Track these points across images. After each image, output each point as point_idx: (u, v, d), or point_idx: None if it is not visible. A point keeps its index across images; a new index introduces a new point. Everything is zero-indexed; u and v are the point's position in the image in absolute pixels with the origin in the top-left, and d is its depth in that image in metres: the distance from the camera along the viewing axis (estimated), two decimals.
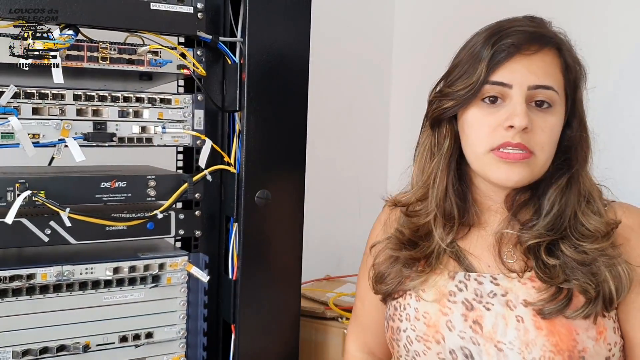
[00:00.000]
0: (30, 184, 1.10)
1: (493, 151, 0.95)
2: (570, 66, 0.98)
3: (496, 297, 0.96)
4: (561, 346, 0.91)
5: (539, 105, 0.95)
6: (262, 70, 1.22)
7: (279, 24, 1.23)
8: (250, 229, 1.24)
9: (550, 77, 0.95)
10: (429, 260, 1.03)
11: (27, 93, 1.11)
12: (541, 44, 0.95)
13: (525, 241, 0.98)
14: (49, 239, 1.13)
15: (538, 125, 0.94)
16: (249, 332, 1.27)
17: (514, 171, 0.94)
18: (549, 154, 0.96)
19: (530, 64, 0.94)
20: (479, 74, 0.95)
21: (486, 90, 0.96)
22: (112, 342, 1.19)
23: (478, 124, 0.97)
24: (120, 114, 1.19)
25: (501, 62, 0.94)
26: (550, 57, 0.96)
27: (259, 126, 1.23)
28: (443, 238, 1.02)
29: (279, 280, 1.28)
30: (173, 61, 1.20)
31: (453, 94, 0.98)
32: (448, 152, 1.03)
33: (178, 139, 1.24)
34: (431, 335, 0.99)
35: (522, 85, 0.94)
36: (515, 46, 0.94)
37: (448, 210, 1.03)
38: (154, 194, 1.21)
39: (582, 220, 0.97)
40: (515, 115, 0.93)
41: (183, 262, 1.24)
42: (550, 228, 0.97)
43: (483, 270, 1.00)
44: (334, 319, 1.56)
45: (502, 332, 0.94)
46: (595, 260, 0.94)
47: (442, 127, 1.03)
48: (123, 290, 1.20)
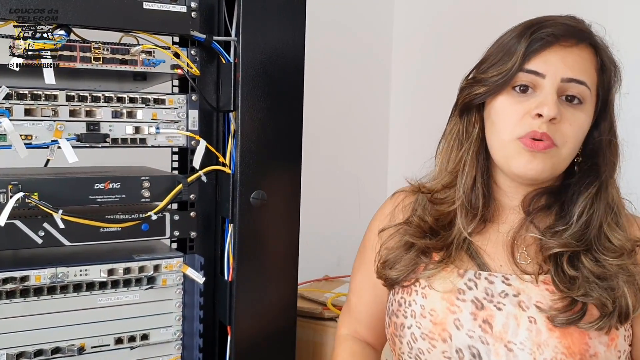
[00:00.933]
0: (23, 185, 1.09)
1: (519, 139, 0.94)
2: (606, 66, 0.97)
3: (508, 297, 0.95)
4: (573, 349, 0.90)
5: (570, 100, 0.95)
6: (256, 70, 1.21)
7: (274, 23, 1.22)
8: (245, 229, 1.23)
9: (584, 72, 0.94)
10: (449, 250, 1.01)
11: (19, 94, 1.10)
12: (579, 39, 0.95)
13: (549, 247, 0.96)
14: (42, 240, 1.12)
15: (566, 118, 0.94)
16: (245, 334, 1.26)
17: (535, 161, 0.94)
18: (572, 149, 0.96)
19: (566, 56, 0.94)
20: (514, 60, 0.95)
21: (519, 79, 0.95)
22: (107, 344, 1.18)
23: (507, 112, 0.96)
24: (113, 114, 1.18)
25: (538, 51, 0.94)
26: (586, 53, 0.96)
27: (254, 126, 1.22)
28: (465, 227, 1.01)
29: (275, 281, 1.27)
30: (166, 61, 1.19)
31: (486, 80, 0.98)
32: (478, 139, 1.02)
33: (172, 139, 1.23)
34: (437, 333, 0.97)
35: (556, 77, 0.93)
36: (554, 35, 0.94)
37: (474, 200, 1.02)
38: (148, 195, 1.20)
39: (607, 233, 0.96)
40: (545, 104, 0.92)
41: (178, 264, 1.23)
42: (577, 238, 0.96)
43: (495, 270, 0.99)
44: (331, 319, 1.55)
45: (513, 332, 0.93)
46: (614, 275, 0.93)
47: (471, 114, 1.03)
48: (118, 292, 1.19)
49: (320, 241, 1.97)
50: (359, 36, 2.39)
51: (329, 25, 2.19)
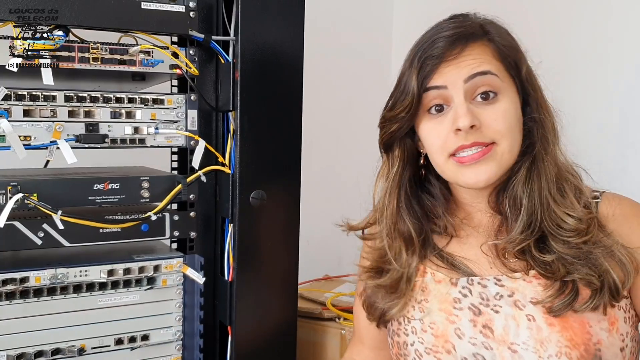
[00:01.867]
0: (23, 186, 1.09)
1: (451, 157, 0.94)
2: (504, 50, 0.95)
3: (503, 298, 0.94)
4: (576, 340, 0.89)
5: (485, 97, 0.93)
6: (255, 69, 1.21)
7: (273, 22, 1.22)
8: (245, 229, 1.23)
9: (483, 64, 0.93)
10: (400, 286, 1.01)
11: (17, 95, 1.10)
12: (463, 42, 0.94)
13: (511, 249, 0.96)
14: (42, 241, 1.12)
15: (488, 117, 0.92)
16: (246, 334, 1.26)
17: (479, 170, 0.93)
18: (512, 139, 0.94)
19: (459, 63, 0.93)
20: (412, 92, 0.95)
21: (428, 101, 0.95)
22: (107, 345, 1.18)
23: (431, 136, 0.96)
24: (112, 114, 1.18)
25: (430, 75, 0.94)
26: (478, 49, 0.94)
27: (253, 126, 1.22)
28: (405, 264, 1.01)
29: (276, 281, 1.27)
30: (165, 61, 1.19)
31: (395, 117, 0.98)
32: (397, 172, 1.03)
33: (171, 139, 1.23)
34: (440, 345, 0.96)
35: (457, 82, 0.92)
36: (436, 57, 0.93)
37: (405, 231, 1.02)
38: (147, 195, 1.20)
39: (557, 210, 0.94)
40: (458, 117, 0.91)
41: (178, 264, 1.23)
42: (526, 227, 0.94)
43: (484, 273, 0.98)
44: (331, 319, 1.55)
45: (514, 334, 0.92)
46: (590, 252, 0.92)
47: (394, 149, 1.03)
48: (118, 292, 1.19)
49: (320, 240, 1.96)
50: (358, 35, 2.39)
51: (328, 24, 2.19)
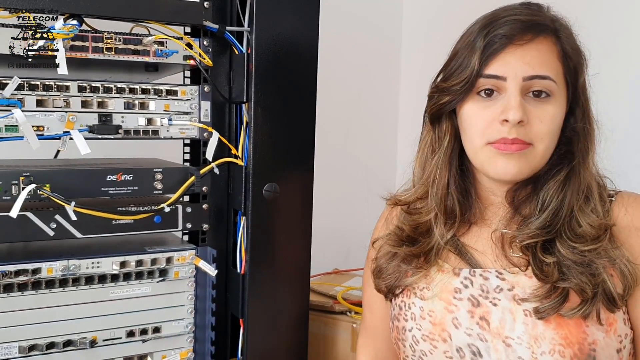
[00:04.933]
0: (35, 177, 1.08)
1: (490, 144, 0.93)
2: (569, 53, 0.95)
3: (503, 292, 0.95)
4: (571, 339, 0.89)
5: (537, 95, 0.93)
6: (269, 61, 1.19)
7: (287, 13, 1.20)
8: (258, 222, 1.22)
9: (546, 66, 0.92)
10: (428, 257, 1.02)
11: (31, 85, 1.09)
12: (535, 32, 0.93)
13: (520, 241, 0.96)
14: (54, 233, 1.11)
15: (535, 116, 0.92)
16: (258, 327, 1.25)
17: (511, 163, 0.93)
18: (549, 144, 0.94)
19: (525, 54, 0.92)
20: (472, 67, 0.93)
21: (481, 84, 0.94)
22: (119, 337, 1.17)
23: (474, 118, 0.95)
24: (125, 105, 1.17)
25: (494, 54, 0.92)
26: (546, 45, 0.93)
27: (267, 118, 1.21)
28: (443, 235, 1.01)
29: (288, 274, 1.26)
30: (179, 52, 1.18)
31: (449, 88, 0.97)
32: (449, 148, 1.02)
33: (185, 131, 1.22)
34: (437, 333, 0.97)
35: (517, 77, 0.92)
36: (507, 37, 0.92)
37: (450, 207, 1.02)
38: (160, 187, 1.19)
39: (577, 217, 0.94)
40: (509, 108, 0.91)
41: (190, 256, 1.22)
42: (545, 226, 0.94)
43: (488, 266, 0.98)
44: (342, 313, 1.55)
45: (509, 327, 0.92)
46: (592, 261, 0.91)
47: (442, 122, 1.02)
48: (130, 284, 1.18)
49: (329, 234, 1.95)
50: (370, 26, 2.37)
51: (338, 19, 2.17)
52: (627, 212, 0.95)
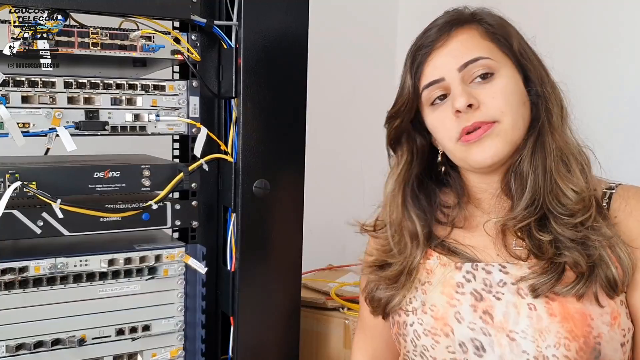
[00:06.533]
0: (21, 174, 1.07)
1: (458, 140, 0.95)
2: (493, 29, 0.97)
3: (506, 285, 0.94)
4: (576, 332, 0.88)
5: (483, 77, 0.94)
6: (258, 55, 1.18)
7: (276, 7, 1.19)
8: (248, 219, 1.21)
9: (473, 49, 0.95)
10: (410, 274, 1.02)
11: (16, 81, 1.07)
12: (450, 29, 0.96)
13: (511, 227, 0.95)
14: (41, 230, 1.10)
15: (486, 95, 0.93)
16: (248, 324, 1.24)
17: (484, 147, 0.93)
18: (515, 116, 0.94)
19: (449, 49, 0.96)
20: (408, 85, 0.99)
21: (429, 95, 0.98)
22: (108, 335, 1.16)
23: (437, 125, 0.98)
24: (112, 101, 1.15)
25: (422, 65, 0.97)
26: (467, 32, 0.97)
27: (256, 113, 1.19)
28: (414, 255, 1.02)
29: (279, 271, 1.25)
30: (166, 46, 1.16)
31: (397, 112, 1.03)
32: (407, 168, 1.05)
33: (173, 127, 1.20)
34: (439, 328, 0.96)
35: (451, 71, 0.95)
36: (426, 47, 0.97)
37: (408, 225, 1.03)
38: (148, 184, 1.18)
39: (559, 183, 0.94)
40: (454, 99, 0.94)
41: (180, 254, 1.21)
42: (529, 204, 0.94)
43: (490, 260, 0.98)
44: (335, 309, 1.53)
45: (514, 321, 0.91)
46: (587, 237, 0.91)
47: (402, 145, 1.06)
48: (119, 282, 1.17)
49: (324, 230, 1.94)
50: (363, 21, 2.36)
51: (333, 10, 2.16)
52: (627, 204, 0.94)
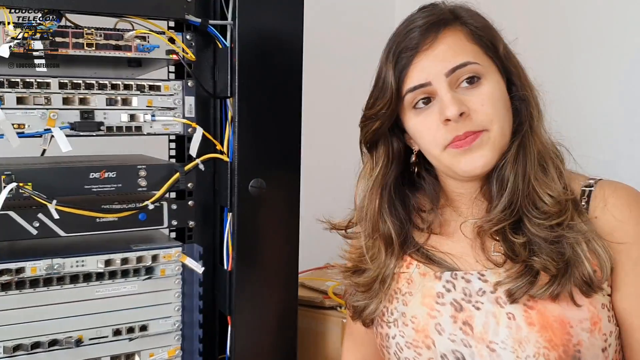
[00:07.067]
0: (17, 175, 1.07)
1: (447, 147, 0.92)
2: (478, 32, 0.94)
3: (485, 294, 0.93)
4: (555, 341, 0.87)
5: (470, 82, 0.92)
6: (254, 54, 1.18)
7: (271, 6, 1.19)
8: (244, 218, 1.21)
9: (461, 53, 0.92)
10: (384, 282, 1.01)
11: (10, 82, 1.07)
12: (436, 30, 0.92)
13: (487, 230, 0.94)
14: (37, 231, 1.10)
15: (475, 102, 0.91)
16: (246, 324, 1.24)
17: (475, 156, 0.91)
18: (502, 123, 0.92)
19: (436, 53, 0.92)
20: (391, 88, 0.93)
21: (412, 98, 0.94)
22: (105, 336, 1.16)
23: (421, 130, 0.95)
24: (108, 102, 1.15)
25: (407, 68, 0.93)
26: (452, 35, 0.93)
27: (252, 112, 1.19)
28: (385, 264, 1.01)
29: (275, 270, 1.25)
30: (161, 46, 1.16)
31: (376, 114, 0.97)
32: (381, 173, 1.02)
33: (168, 127, 1.20)
34: (421, 340, 0.95)
35: (438, 76, 0.91)
36: (411, 49, 0.93)
37: (384, 232, 1.01)
38: (145, 184, 1.18)
39: (537, 189, 0.92)
40: (444, 107, 0.90)
41: (177, 253, 1.21)
42: (506, 207, 0.92)
43: (469, 267, 0.96)
44: (332, 308, 1.53)
45: (493, 332, 0.90)
46: (562, 236, 0.89)
47: (379, 148, 1.02)
48: (115, 282, 1.17)
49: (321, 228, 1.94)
50: (359, 18, 2.35)
51: (328, 8, 2.15)
52: (606, 203, 0.93)
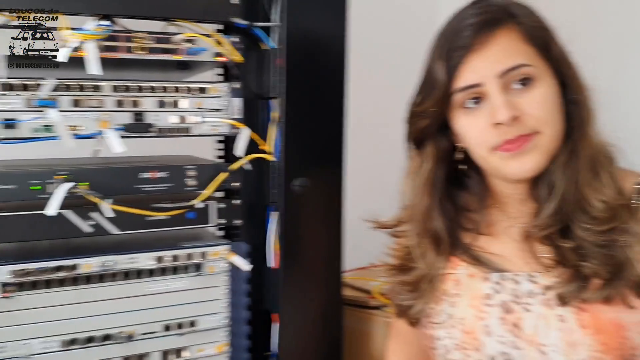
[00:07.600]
0: (72, 175, 1.11)
1: (496, 149, 0.90)
2: (533, 32, 0.91)
3: (535, 296, 0.91)
4: (610, 345, 0.85)
5: (523, 83, 0.89)
6: (300, 56, 1.20)
7: (317, 7, 1.21)
8: (289, 217, 1.22)
9: (514, 55, 0.88)
10: (421, 286, 1.00)
11: (66, 85, 1.11)
12: (491, 29, 0.89)
13: (536, 234, 0.92)
14: (91, 229, 1.14)
15: (528, 105, 0.88)
16: (292, 321, 1.25)
17: (525, 160, 0.89)
18: (556, 125, 0.90)
19: (489, 54, 0.89)
20: (442, 86, 0.91)
21: (462, 97, 0.91)
22: (155, 331, 1.19)
23: (469, 131, 0.93)
24: (159, 104, 1.18)
25: (458, 67, 0.90)
26: (507, 35, 0.89)
27: (297, 113, 1.21)
28: (432, 265, 0.99)
29: (320, 268, 1.27)
30: (209, 49, 1.19)
31: (425, 112, 0.95)
32: (431, 171, 0.99)
33: (216, 128, 1.23)
34: (469, 342, 0.94)
35: (490, 78, 0.88)
36: (463, 47, 0.89)
37: (433, 232, 0.99)
38: (194, 183, 1.21)
39: (587, 196, 0.89)
40: (496, 110, 0.88)
41: (224, 251, 1.23)
42: (555, 213, 0.90)
43: (518, 269, 0.94)
44: (377, 307, 1.54)
45: (544, 334, 0.89)
46: (614, 240, 0.87)
47: (426, 146, 1.00)
48: (166, 279, 1.20)
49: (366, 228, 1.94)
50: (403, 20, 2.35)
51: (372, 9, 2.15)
52: None
